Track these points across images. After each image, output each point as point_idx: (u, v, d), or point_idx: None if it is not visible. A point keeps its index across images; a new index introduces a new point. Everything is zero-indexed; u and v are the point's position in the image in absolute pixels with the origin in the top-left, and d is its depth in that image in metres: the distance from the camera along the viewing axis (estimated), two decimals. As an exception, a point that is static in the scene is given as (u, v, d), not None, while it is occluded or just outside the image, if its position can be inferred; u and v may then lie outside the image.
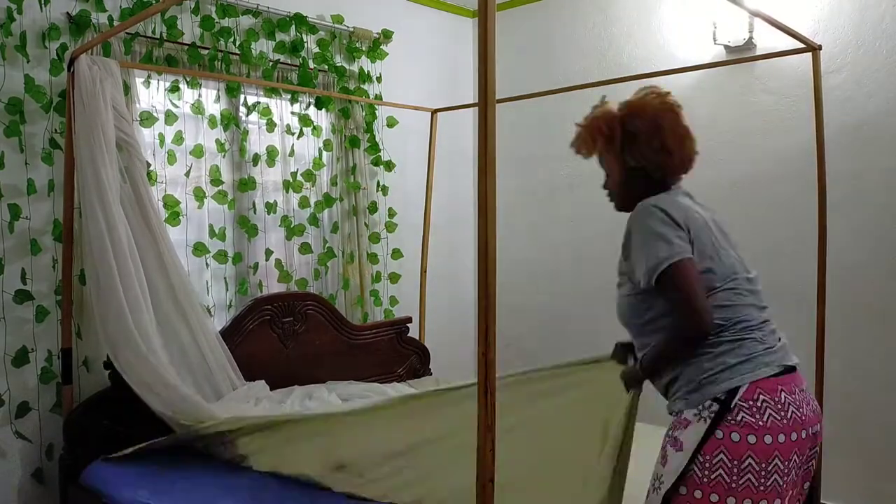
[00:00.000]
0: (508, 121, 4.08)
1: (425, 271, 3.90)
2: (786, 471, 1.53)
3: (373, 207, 3.77)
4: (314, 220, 3.51)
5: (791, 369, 1.62)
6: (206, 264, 3.11)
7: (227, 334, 2.93)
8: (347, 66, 3.65)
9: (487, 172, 1.31)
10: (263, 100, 3.31)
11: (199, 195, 3.06)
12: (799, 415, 1.55)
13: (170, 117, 2.97)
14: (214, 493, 2.24)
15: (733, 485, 1.51)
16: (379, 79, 3.78)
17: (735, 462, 1.52)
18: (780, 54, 2.76)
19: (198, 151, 3.07)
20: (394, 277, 3.87)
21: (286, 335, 3.19)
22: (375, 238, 3.79)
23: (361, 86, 3.69)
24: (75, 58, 2.48)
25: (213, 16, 3.08)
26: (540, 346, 4.14)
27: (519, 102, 3.66)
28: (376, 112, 3.76)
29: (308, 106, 3.48)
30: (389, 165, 3.81)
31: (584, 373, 1.97)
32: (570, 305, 4.02)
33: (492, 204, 1.32)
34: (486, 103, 1.30)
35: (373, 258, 3.76)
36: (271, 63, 3.29)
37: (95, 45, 2.58)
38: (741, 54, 3.25)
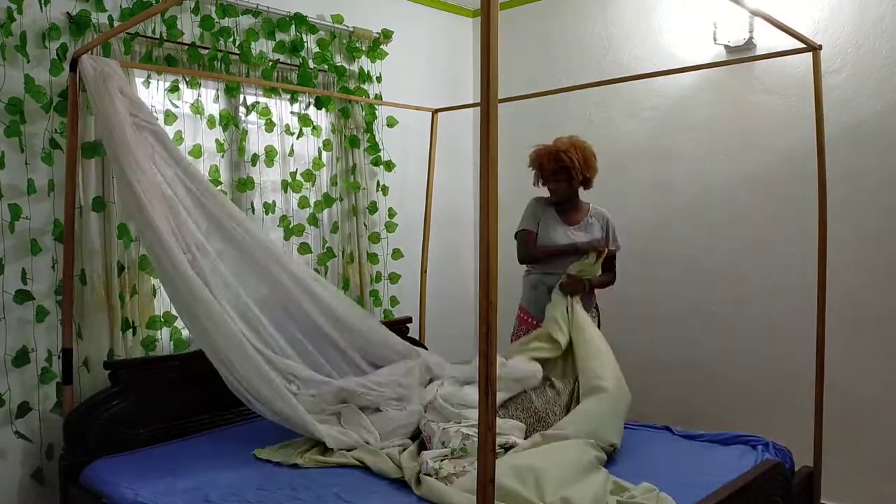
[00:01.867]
0: (509, 121, 4.08)
1: (425, 271, 3.90)
2: None
3: (373, 207, 3.76)
4: (313, 220, 3.51)
5: None
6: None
7: (227, 334, 2.93)
8: (347, 66, 3.65)
9: (489, 172, 1.31)
10: (263, 100, 3.31)
11: (199, 195, 3.07)
12: None
13: (169, 117, 2.97)
14: (215, 494, 2.23)
15: None
16: (379, 79, 3.78)
17: None
18: (780, 54, 2.77)
19: (196, 151, 3.07)
20: (394, 277, 3.87)
21: (286, 335, 3.18)
22: (375, 238, 3.79)
23: (361, 86, 3.69)
24: (77, 58, 2.48)
25: (213, 16, 3.08)
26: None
27: (519, 102, 3.66)
28: (376, 112, 3.76)
29: (308, 106, 3.48)
30: (389, 165, 3.81)
31: None
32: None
33: (493, 204, 1.32)
34: (488, 103, 1.30)
35: (373, 258, 3.76)
36: (271, 63, 3.29)
37: (96, 45, 2.58)
38: (741, 54, 3.25)
